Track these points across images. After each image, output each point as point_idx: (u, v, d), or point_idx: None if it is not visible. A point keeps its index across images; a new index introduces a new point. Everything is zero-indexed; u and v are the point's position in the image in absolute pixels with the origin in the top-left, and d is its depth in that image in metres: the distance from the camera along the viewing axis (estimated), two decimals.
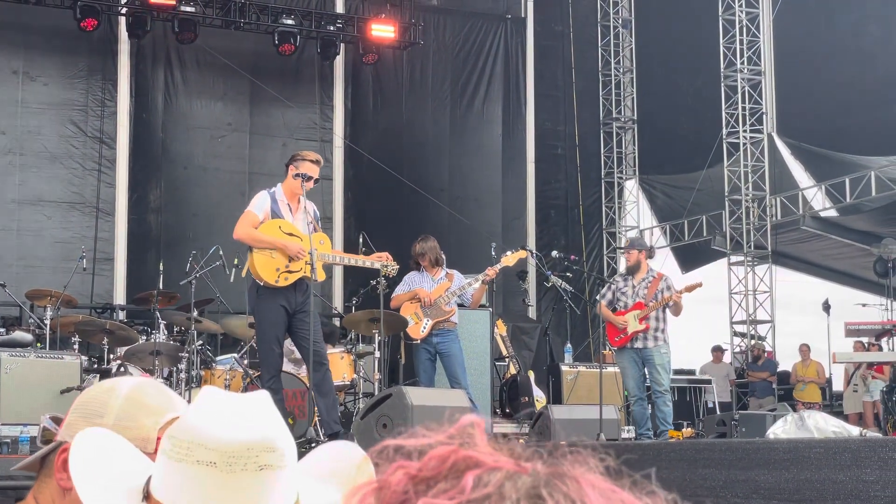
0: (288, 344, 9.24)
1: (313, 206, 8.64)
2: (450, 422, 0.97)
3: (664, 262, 20.14)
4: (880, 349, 15.63)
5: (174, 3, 16.70)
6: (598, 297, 11.14)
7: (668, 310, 10.66)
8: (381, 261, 8.76)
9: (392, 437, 0.96)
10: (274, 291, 8.19)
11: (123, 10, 17.01)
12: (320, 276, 8.35)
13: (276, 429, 1.60)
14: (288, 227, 8.24)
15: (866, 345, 16.33)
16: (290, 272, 8.16)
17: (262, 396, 1.66)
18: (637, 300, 10.63)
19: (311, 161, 8.33)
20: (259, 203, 8.31)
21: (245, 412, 1.59)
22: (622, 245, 11.55)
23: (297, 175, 8.19)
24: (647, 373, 10.67)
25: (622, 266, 20.74)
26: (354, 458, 1.76)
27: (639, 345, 10.52)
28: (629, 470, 0.94)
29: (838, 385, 18.02)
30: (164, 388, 2.07)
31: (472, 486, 0.89)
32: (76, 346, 11.45)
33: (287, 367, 10.06)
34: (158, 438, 1.90)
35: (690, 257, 21.10)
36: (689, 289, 10.92)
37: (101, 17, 16.69)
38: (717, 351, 18.72)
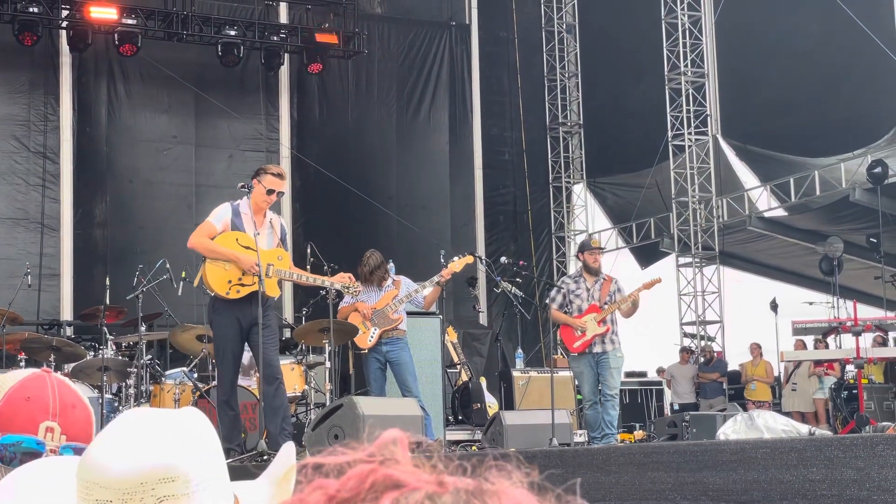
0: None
1: (280, 221, 8.53)
2: (371, 438, 0.95)
3: (617, 263, 20.26)
4: (827, 347, 15.79)
5: (116, 20, 16.55)
6: (547, 301, 10.95)
7: (618, 312, 10.63)
8: (342, 282, 8.68)
9: (314, 455, 0.95)
10: (228, 304, 8.09)
11: (64, 24, 16.84)
12: (272, 291, 8.28)
13: (180, 455, 1.52)
14: (246, 241, 8.11)
15: (813, 343, 16.50)
16: (242, 285, 8.05)
17: (181, 415, 1.59)
18: (592, 303, 10.54)
19: (273, 174, 8.23)
20: (219, 214, 8.19)
21: (145, 440, 1.52)
22: (599, 245, 11.32)
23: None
24: (599, 376, 10.56)
25: (571, 268, 20.84)
26: (289, 451, 1.74)
27: (597, 349, 10.41)
28: (552, 484, 0.93)
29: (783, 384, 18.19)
30: None
31: None
32: (23, 364, 11.25)
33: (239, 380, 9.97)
34: None
35: (647, 255, 21.27)
36: (649, 285, 10.82)
37: (40, 32, 16.50)
38: (685, 352, 18.82)
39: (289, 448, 1.76)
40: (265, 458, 7.74)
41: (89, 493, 1.50)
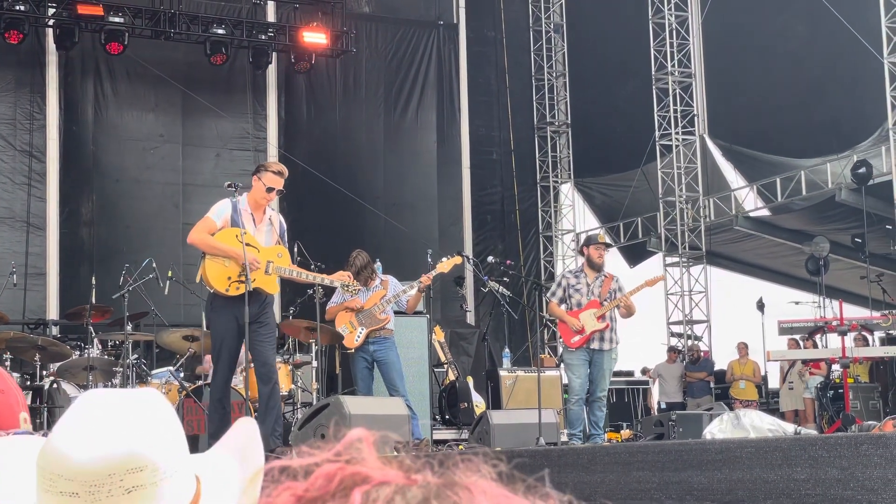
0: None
1: (280, 219, 8.52)
2: (336, 438, 0.95)
3: (608, 260, 20.23)
4: (814, 346, 15.83)
5: (102, 13, 16.50)
6: (548, 296, 10.71)
7: (617, 311, 10.56)
8: (342, 280, 8.67)
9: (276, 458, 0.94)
10: (227, 301, 8.04)
11: (51, 22, 16.79)
12: (272, 289, 8.25)
13: (147, 442, 1.48)
14: (246, 237, 8.11)
15: (800, 342, 16.54)
16: (241, 282, 7.98)
17: (144, 398, 1.54)
18: (592, 298, 10.46)
19: (274, 172, 8.21)
20: (219, 210, 8.15)
21: (111, 427, 1.47)
22: (605, 241, 11.19)
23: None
24: (591, 375, 10.45)
25: (559, 268, 20.86)
26: (254, 436, 1.72)
27: (595, 346, 10.32)
28: (521, 474, 0.93)
29: (774, 383, 18.22)
30: None
31: (361, 502, 0.88)
32: (8, 364, 11.23)
33: None
34: None
35: (635, 254, 21.30)
36: (652, 282, 10.80)
37: (27, 30, 16.45)
38: (672, 351, 18.85)
39: (248, 424, 1.74)
40: None
41: (53, 484, 1.46)
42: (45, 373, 10.96)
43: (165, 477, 1.50)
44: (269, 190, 8.14)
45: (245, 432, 1.72)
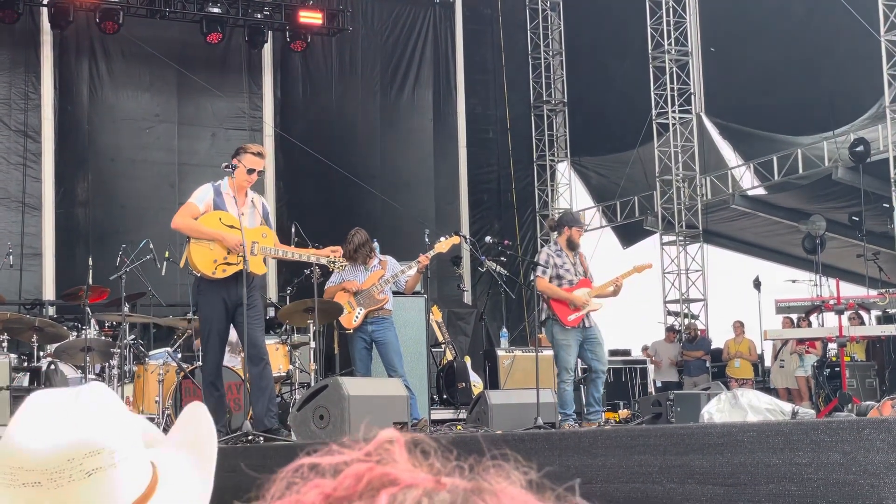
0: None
1: (262, 201, 8.54)
2: (367, 438, 0.95)
3: (601, 242, 20.32)
4: (810, 325, 15.84)
5: None
6: (539, 273, 10.60)
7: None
8: (327, 256, 8.66)
9: (307, 455, 0.94)
10: (214, 284, 8.08)
11: (45, 1, 16.71)
12: (258, 269, 8.27)
13: (100, 428, 1.54)
14: (229, 220, 8.10)
15: (796, 321, 16.57)
16: (228, 264, 8.03)
17: (92, 389, 1.60)
18: (581, 277, 10.45)
19: (253, 153, 8.23)
20: (201, 195, 8.19)
21: (63, 418, 1.54)
22: (582, 221, 11.09)
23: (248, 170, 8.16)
24: (587, 353, 10.40)
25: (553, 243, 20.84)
26: (203, 421, 1.75)
27: (587, 323, 10.35)
28: (550, 482, 0.92)
29: (770, 361, 18.27)
30: None
31: None
32: (5, 345, 11.21)
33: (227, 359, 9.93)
34: None
35: (630, 234, 21.31)
36: (640, 269, 10.79)
37: (21, 9, 16.38)
38: (671, 331, 18.88)
39: (198, 409, 1.77)
40: (250, 438, 7.74)
41: (14, 478, 1.51)
42: (42, 354, 10.94)
43: (122, 459, 1.55)
44: (250, 171, 8.17)
45: (197, 423, 1.75)
